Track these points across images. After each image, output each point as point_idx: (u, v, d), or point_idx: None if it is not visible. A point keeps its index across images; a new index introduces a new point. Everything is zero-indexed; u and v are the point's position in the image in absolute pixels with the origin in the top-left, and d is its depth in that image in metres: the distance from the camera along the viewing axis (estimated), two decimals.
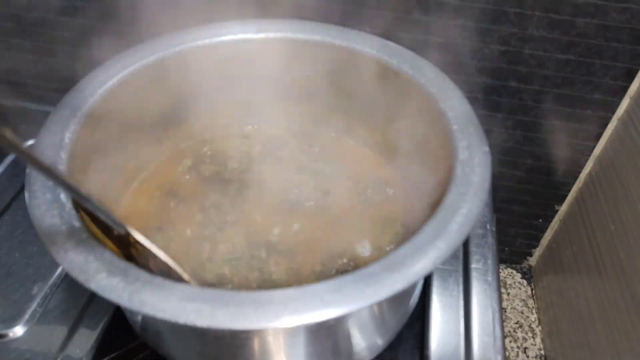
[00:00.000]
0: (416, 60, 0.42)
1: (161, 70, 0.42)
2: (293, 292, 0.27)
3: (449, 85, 0.40)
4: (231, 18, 0.45)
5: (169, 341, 0.38)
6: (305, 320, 0.26)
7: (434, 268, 0.29)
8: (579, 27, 0.56)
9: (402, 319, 0.42)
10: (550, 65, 0.60)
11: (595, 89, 0.62)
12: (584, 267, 0.70)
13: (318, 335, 0.34)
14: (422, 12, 0.57)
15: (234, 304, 0.26)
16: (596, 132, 0.66)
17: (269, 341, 0.33)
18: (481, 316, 0.44)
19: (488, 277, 0.47)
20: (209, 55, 0.45)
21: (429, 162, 0.41)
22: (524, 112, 0.66)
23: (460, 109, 0.38)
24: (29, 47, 0.68)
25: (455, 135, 0.37)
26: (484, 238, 0.50)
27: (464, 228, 0.30)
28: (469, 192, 0.32)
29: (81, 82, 0.39)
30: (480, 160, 0.35)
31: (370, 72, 0.44)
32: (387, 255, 0.29)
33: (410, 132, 0.44)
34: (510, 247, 0.87)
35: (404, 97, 0.43)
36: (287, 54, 0.45)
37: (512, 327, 0.83)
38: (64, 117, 0.36)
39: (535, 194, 0.76)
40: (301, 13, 0.48)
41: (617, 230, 0.62)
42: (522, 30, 0.57)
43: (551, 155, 0.70)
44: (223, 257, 0.41)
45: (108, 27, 0.63)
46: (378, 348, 0.40)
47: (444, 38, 0.59)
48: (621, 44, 0.57)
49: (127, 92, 0.40)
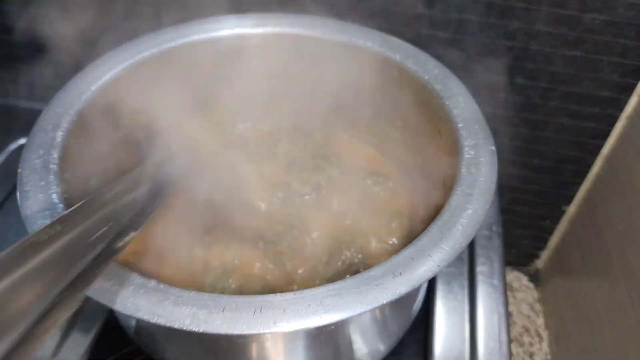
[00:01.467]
0: (420, 56, 0.42)
1: (155, 67, 0.42)
2: (292, 296, 0.27)
3: (453, 82, 0.40)
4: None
5: (163, 346, 0.37)
6: (304, 325, 0.26)
7: (438, 271, 0.28)
8: (587, 23, 0.56)
9: (405, 323, 0.41)
10: (557, 61, 0.59)
11: (603, 86, 0.61)
12: (592, 269, 0.69)
13: (318, 340, 0.34)
14: (427, 6, 0.57)
15: (231, 309, 0.26)
16: (604, 130, 0.65)
17: (267, 347, 0.33)
18: (487, 320, 0.44)
19: (494, 280, 0.46)
20: (204, 50, 0.44)
21: (433, 161, 0.40)
22: (531, 110, 0.65)
23: (466, 106, 0.38)
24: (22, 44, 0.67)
25: (460, 134, 0.36)
26: (489, 240, 0.50)
27: (469, 230, 0.30)
28: (474, 193, 0.32)
29: (73, 79, 0.38)
30: (486, 159, 0.34)
31: (372, 68, 0.43)
32: (389, 258, 0.28)
33: (413, 130, 0.43)
34: (517, 249, 0.86)
35: (407, 94, 0.42)
36: (285, 49, 0.45)
37: (519, 331, 0.81)
38: (56, 115, 0.36)
39: (543, 195, 0.75)
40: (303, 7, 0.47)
41: (626, 232, 0.61)
42: (529, 26, 0.57)
43: (558, 155, 0.69)
44: (223, 257, 0.40)
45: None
46: (380, 354, 0.40)
47: (448, 33, 0.59)
48: (629, 40, 0.56)
49: (120, 89, 0.40)
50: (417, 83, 0.41)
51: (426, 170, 0.42)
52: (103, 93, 0.38)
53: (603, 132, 0.65)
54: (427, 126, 0.41)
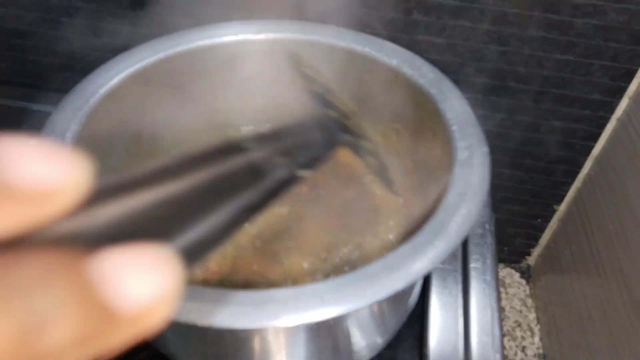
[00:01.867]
0: (415, 61, 0.42)
1: (162, 71, 0.43)
2: (293, 291, 0.27)
3: (448, 86, 0.40)
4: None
5: (169, 340, 0.38)
6: (305, 319, 0.26)
7: (433, 267, 0.29)
8: (578, 27, 0.56)
9: (401, 318, 0.42)
10: (549, 65, 0.60)
11: (594, 90, 0.62)
12: (583, 266, 0.70)
13: (318, 334, 0.34)
14: (422, 13, 0.58)
15: (235, 303, 0.26)
16: (595, 132, 0.66)
17: (269, 340, 0.33)
18: (480, 315, 0.44)
19: (487, 277, 0.47)
20: (210, 55, 0.45)
21: (428, 162, 0.41)
22: (523, 113, 0.66)
23: (460, 109, 0.38)
24: (30, 46, 0.68)
25: (454, 136, 0.37)
26: (482, 238, 0.50)
27: (463, 228, 0.30)
28: (468, 193, 0.32)
29: (82, 83, 0.39)
30: (479, 160, 0.35)
31: (369, 73, 0.44)
32: (386, 255, 0.29)
33: (408, 133, 0.44)
34: (509, 247, 0.87)
35: (402, 97, 0.43)
36: (285, 54, 0.45)
37: (511, 326, 0.83)
38: (65, 118, 0.37)
39: (534, 194, 0.76)
40: (300, 13, 0.48)
41: (616, 230, 0.62)
42: (522, 31, 0.58)
43: (550, 156, 0.70)
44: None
45: (109, 26, 0.63)
46: (377, 347, 0.40)
47: (443, 39, 0.59)
48: (620, 44, 0.57)
49: (127, 93, 0.40)
50: (412, 87, 0.41)
51: (421, 171, 0.43)
52: (111, 97, 0.39)
53: (594, 134, 0.66)
54: (423, 129, 0.42)
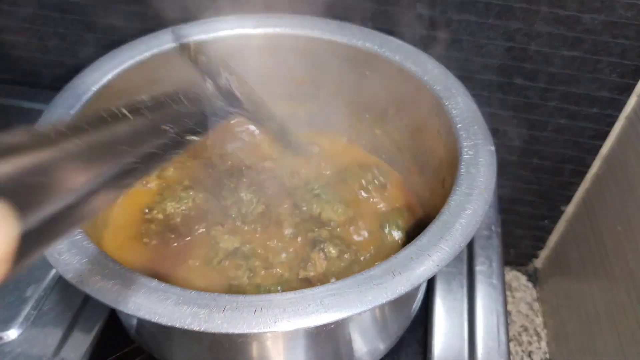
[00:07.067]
0: (420, 57, 0.42)
1: (155, 67, 0.42)
2: (292, 295, 0.27)
3: (453, 83, 0.40)
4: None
5: (164, 345, 0.37)
6: (304, 324, 0.26)
7: (438, 271, 0.28)
8: (586, 23, 0.55)
9: (404, 323, 0.41)
10: (556, 62, 0.59)
11: (602, 87, 0.61)
12: (591, 269, 0.69)
13: (318, 339, 0.34)
14: (426, 7, 0.57)
15: (231, 308, 0.26)
16: (603, 130, 0.65)
17: (267, 346, 0.33)
18: (486, 320, 0.44)
19: (493, 280, 0.46)
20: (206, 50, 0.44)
21: (432, 161, 0.40)
22: (530, 110, 0.65)
23: (465, 106, 0.38)
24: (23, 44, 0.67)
25: (459, 134, 0.36)
26: (488, 240, 0.50)
27: (468, 229, 0.30)
28: (473, 193, 0.32)
29: (74, 80, 0.38)
30: (485, 159, 0.34)
31: (372, 69, 0.43)
32: (389, 257, 0.28)
33: (412, 130, 0.43)
34: (516, 249, 0.86)
35: (406, 94, 0.42)
36: (285, 50, 0.45)
37: (517, 330, 0.81)
38: (57, 116, 0.36)
39: (541, 195, 0.75)
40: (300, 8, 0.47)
41: (625, 231, 0.61)
42: (528, 26, 0.57)
43: (557, 155, 0.69)
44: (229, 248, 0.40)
45: (108, 22, 0.63)
46: (380, 353, 0.40)
47: (448, 34, 0.58)
48: (628, 40, 0.56)
49: (120, 90, 0.40)
50: (416, 83, 0.41)
51: (426, 170, 0.42)
52: (103, 94, 0.38)
53: (602, 133, 0.65)
54: (427, 126, 0.41)
